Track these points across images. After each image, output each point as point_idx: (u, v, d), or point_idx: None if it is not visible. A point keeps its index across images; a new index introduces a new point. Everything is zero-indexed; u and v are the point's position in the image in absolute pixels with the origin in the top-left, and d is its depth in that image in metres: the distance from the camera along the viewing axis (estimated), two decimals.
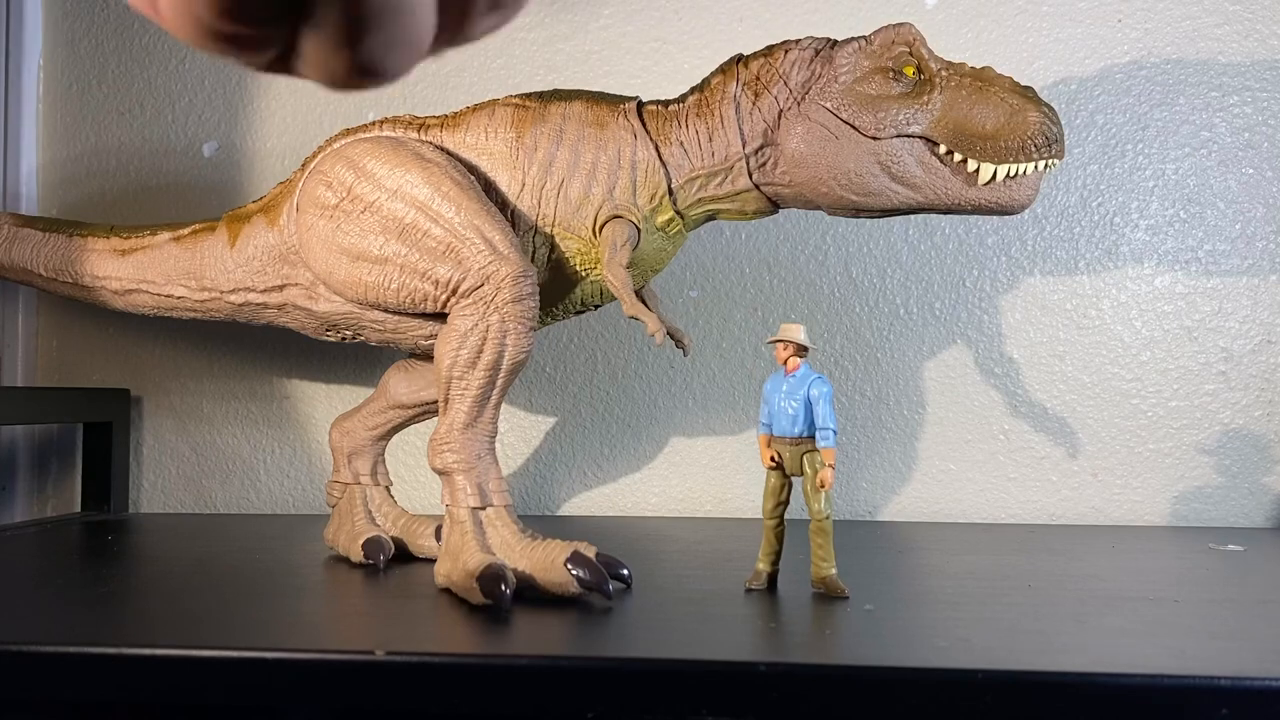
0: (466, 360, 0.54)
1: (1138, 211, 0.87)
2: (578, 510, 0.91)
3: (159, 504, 0.95)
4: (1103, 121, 0.87)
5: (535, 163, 0.60)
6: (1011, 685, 0.36)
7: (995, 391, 0.88)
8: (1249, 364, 0.86)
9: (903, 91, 0.56)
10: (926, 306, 0.88)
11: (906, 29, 0.56)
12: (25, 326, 0.97)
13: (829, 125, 0.55)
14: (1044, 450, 0.87)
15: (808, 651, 0.41)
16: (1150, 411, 0.87)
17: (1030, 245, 0.88)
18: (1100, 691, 0.36)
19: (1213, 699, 0.36)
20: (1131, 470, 0.87)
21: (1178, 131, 0.87)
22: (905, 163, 0.55)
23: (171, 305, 0.70)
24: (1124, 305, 0.87)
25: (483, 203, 0.57)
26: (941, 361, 0.88)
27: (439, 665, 0.39)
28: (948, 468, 0.88)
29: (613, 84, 0.91)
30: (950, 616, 0.47)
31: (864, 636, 0.43)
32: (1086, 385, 0.87)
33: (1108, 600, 0.51)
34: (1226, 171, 0.87)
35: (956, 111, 0.55)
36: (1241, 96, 0.87)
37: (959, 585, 0.56)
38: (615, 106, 0.60)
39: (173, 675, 0.39)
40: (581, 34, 0.92)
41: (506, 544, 0.53)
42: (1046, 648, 0.42)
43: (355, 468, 0.68)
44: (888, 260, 0.89)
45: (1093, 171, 0.87)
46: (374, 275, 0.58)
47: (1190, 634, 0.44)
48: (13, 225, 0.76)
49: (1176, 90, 0.87)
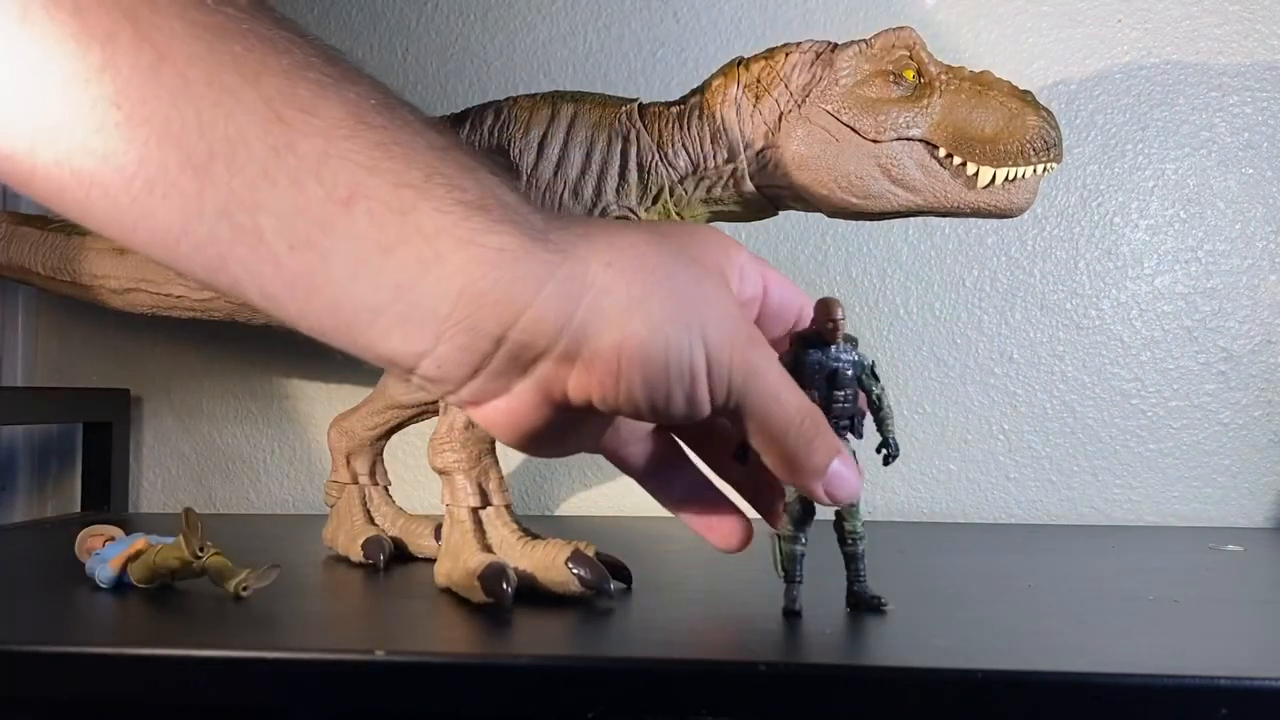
0: None
1: (1138, 211, 0.87)
2: (578, 510, 0.91)
3: (159, 504, 0.95)
4: (1103, 121, 0.87)
5: (543, 162, 0.60)
6: (1011, 685, 0.36)
7: (995, 391, 0.88)
8: (1249, 364, 0.86)
9: (903, 95, 0.56)
10: (926, 306, 0.88)
11: (907, 33, 0.56)
12: (25, 326, 0.97)
13: (829, 128, 0.56)
14: (1044, 450, 0.88)
15: (808, 651, 0.41)
16: (1150, 411, 0.87)
17: (1030, 245, 0.88)
18: (1100, 691, 0.36)
19: (1212, 699, 0.36)
20: (1131, 470, 0.87)
21: (1178, 131, 0.87)
22: (905, 166, 0.56)
23: (171, 304, 0.70)
24: (1124, 305, 0.87)
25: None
26: (941, 361, 0.88)
27: (439, 665, 0.39)
28: (948, 468, 0.88)
29: (612, 85, 0.91)
30: (950, 616, 0.47)
31: (864, 636, 0.43)
32: (1086, 385, 0.87)
33: (1108, 600, 0.51)
34: (1226, 171, 0.87)
35: (956, 115, 0.55)
36: (1241, 96, 0.87)
37: (959, 585, 0.56)
38: (616, 108, 0.60)
39: (173, 675, 0.39)
40: (581, 34, 0.92)
41: (506, 543, 0.53)
42: (1046, 648, 0.42)
43: (354, 467, 0.68)
44: (888, 260, 0.89)
45: (1093, 171, 0.87)
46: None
47: (1190, 634, 0.44)
48: (11, 224, 0.76)
49: (1176, 90, 0.87)
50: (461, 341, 0.33)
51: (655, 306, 0.34)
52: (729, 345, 0.36)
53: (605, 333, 0.34)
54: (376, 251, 0.32)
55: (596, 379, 0.34)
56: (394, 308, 0.32)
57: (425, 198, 0.32)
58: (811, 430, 0.38)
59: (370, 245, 0.32)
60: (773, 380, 0.37)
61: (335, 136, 0.32)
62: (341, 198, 0.31)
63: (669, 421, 0.36)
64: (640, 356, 0.34)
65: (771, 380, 0.37)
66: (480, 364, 0.34)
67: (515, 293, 0.33)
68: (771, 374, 0.37)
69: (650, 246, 0.36)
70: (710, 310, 0.36)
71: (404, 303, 0.32)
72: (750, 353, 0.36)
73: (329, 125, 0.32)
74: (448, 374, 0.34)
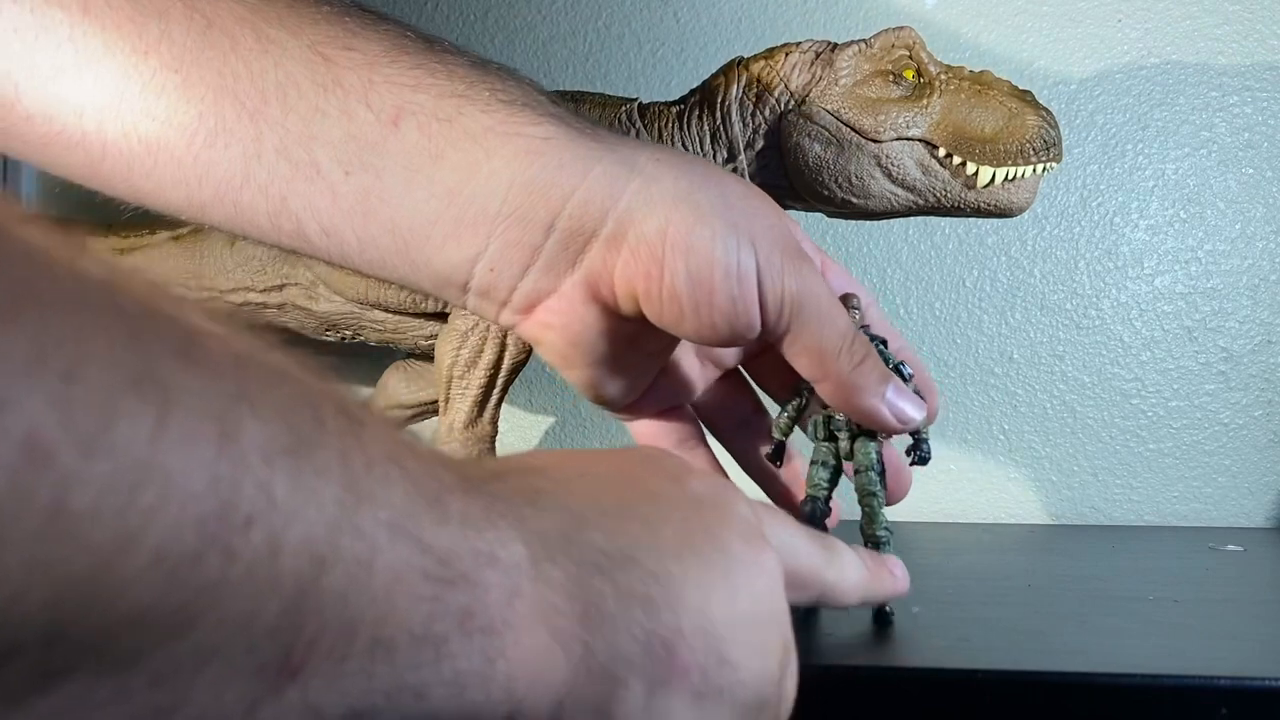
0: (467, 360, 0.54)
1: (1138, 211, 0.87)
2: None
3: None
4: (1103, 121, 0.87)
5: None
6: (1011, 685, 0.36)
7: (995, 391, 0.88)
8: (1249, 364, 0.86)
9: (903, 95, 0.56)
10: (926, 306, 0.88)
11: (907, 32, 0.56)
12: None
13: (830, 128, 0.56)
14: (1044, 450, 0.88)
15: (807, 652, 0.41)
16: (1150, 411, 0.87)
17: (1030, 245, 0.88)
18: (1100, 692, 0.36)
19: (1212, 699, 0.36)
20: (1131, 470, 0.87)
21: (1178, 131, 0.87)
22: (905, 165, 0.56)
23: None
24: (1124, 305, 0.87)
25: None
26: (941, 361, 0.88)
27: None
28: (948, 468, 0.88)
29: (612, 85, 0.91)
30: (950, 616, 0.47)
31: (864, 637, 0.43)
32: (1086, 385, 0.87)
33: (1108, 600, 0.51)
34: (1226, 171, 0.87)
35: (956, 115, 0.55)
36: (1241, 96, 0.87)
37: (959, 585, 0.56)
38: (616, 108, 0.60)
39: None
40: (581, 34, 0.92)
41: None
42: (1046, 648, 0.42)
43: None
44: (888, 260, 0.89)
45: (1093, 171, 0.87)
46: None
47: (1190, 634, 0.44)
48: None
49: (1176, 90, 0.87)
50: (513, 235, 0.34)
51: (703, 200, 0.34)
52: (781, 254, 0.35)
53: (651, 218, 0.34)
54: (427, 159, 0.33)
55: (642, 267, 0.34)
56: (448, 213, 0.33)
57: (470, 103, 0.33)
58: (863, 349, 0.37)
59: (421, 154, 0.33)
60: (825, 297, 0.36)
61: (378, 65, 0.33)
62: (390, 117, 0.33)
63: (717, 336, 0.35)
64: (685, 244, 0.33)
65: (825, 297, 0.36)
66: (531, 258, 0.34)
67: (562, 178, 0.33)
68: (823, 291, 0.36)
69: (700, 162, 0.36)
70: (759, 220, 0.35)
71: (457, 206, 0.33)
72: (803, 266, 0.36)
73: (371, 57, 0.33)
74: (500, 276, 0.34)
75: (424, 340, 0.63)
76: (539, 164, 0.33)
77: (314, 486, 0.17)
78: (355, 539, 0.18)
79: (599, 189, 0.33)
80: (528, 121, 0.33)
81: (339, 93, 0.33)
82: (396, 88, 0.33)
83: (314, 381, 0.20)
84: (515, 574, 0.22)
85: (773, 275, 0.34)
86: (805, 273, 0.35)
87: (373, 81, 0.33)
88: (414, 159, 0.33)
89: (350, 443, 0.19)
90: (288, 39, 0.33)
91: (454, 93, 0.33)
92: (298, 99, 0.33)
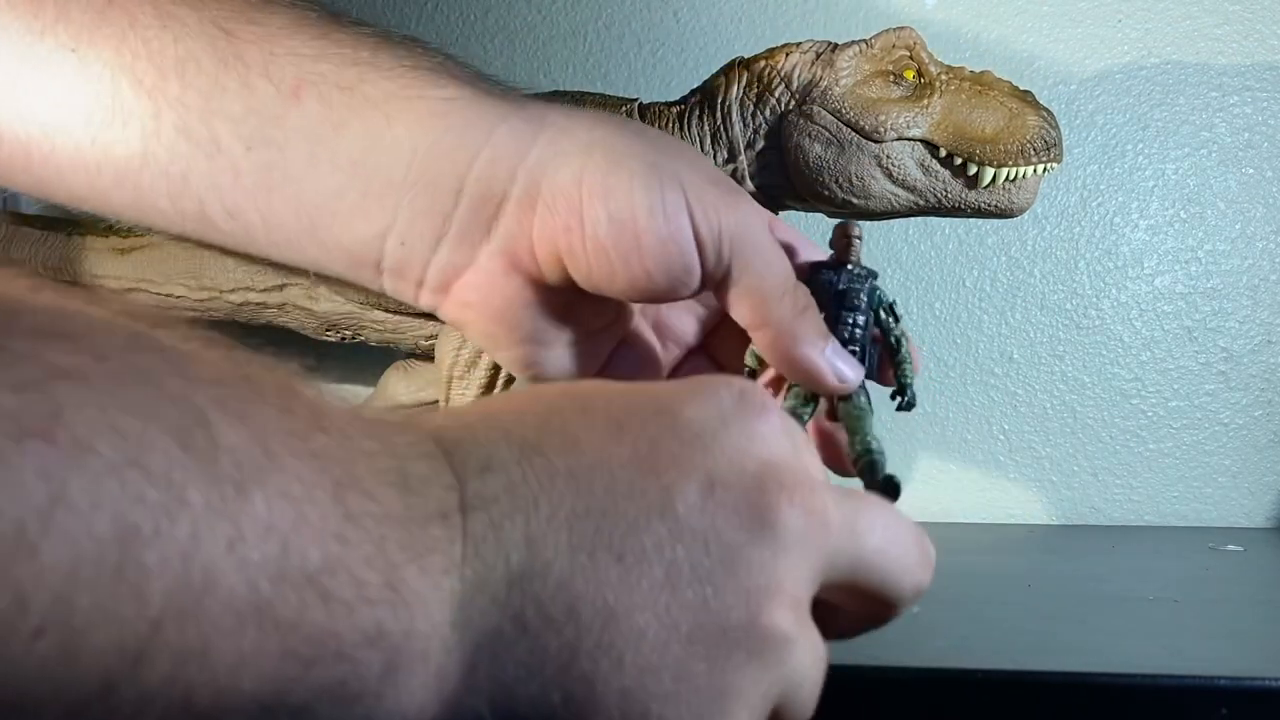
0: (467, 360, 0.54)
1: (1138, 211, 0.87)
2: None
3: None
4: (1103, 121, 0.87)
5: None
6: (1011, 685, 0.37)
7: (995, 391, 0.88)
8: (1249, 364, 0.86)
9: (903, 95, 0.56)
10: (926, 306, 0.88)
11: (907, 33, 0.56)
12: None
13: (830, 128, 0.56)
14: (1044, 450, 0.88)
15: None
16: (1150, 411, 0.87)
17: (1030, 245, 0.88)
18: (1100, 692, 0.36)
19: (1212, 699, 0.36)
20: (1131, 470, 0.87)
21: (1178, 131, 0.87)
22: (906, 166, 0.56)
23: (171, 305, 0.70)
24: (1124, 305, 0.87)
25: None
26: (941, 361, 0.88)
27: None
28: (948, 468, 0.88)
29: (612, 85, 0.91)
30: (950, 616, 0.47)
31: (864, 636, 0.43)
32: (1086, 385, 0.87)
33: (1108, 600, 0.51)
34: (1226, 171, 0.87)
35: (956, 115, 0.55)
36: (1241, 96, 0.87)
37: (959, 585, 0.56)
38: (616, 108, 0.60)
39: None
40: (581, 34, 0.92)
41: None
42: (1046, 648, 0.42)
43: None
44: (888, 260, 0.89)
45: (1093, 171, 0.87)
46: None
47: (1190, 634, 0.44)
48: (11, 224, 0.76)
49: (1176, 90, 0.87)
50: (421, 204, 0.32)
51: (619, 143, 0.32)
52: (714, 189, 0.32)
53: (564, 168, 0.31)
54: (329, 130, 0.32)
55: (560, 221, 0.31)
56: (353, 185, 0.32)
57: (373, 69, 0.32)
58: (805, 299, 0.34)
59: (323, 125, 0.32)
60: (765, 239, 0.33)
61: (280, 37, 0.32)
62: (291, 88, 0.32)
63: (654, 288, 0.32)
64: (602, 188, 0.31)
65: (765, 236, 0.33)
66: (443, 228, 0.32)
67: (468, 138, 0.32)
68: (762, 228, 0.33)
69: (619, 116, 0.34)
70: (683, 158, 0.33)
71: (361, 178, 0.32)
72: (739, 200, 0.33)
73: (273, 30, 0.32)
74: (411, 251, 0.32)
75: (424, 340, 0.63)
76: (442, 125, 0.31)
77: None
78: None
79: (505, 146, 0.31)
80: (431, 84, 0.32)
81: (239, 67, 0.32)
82: (298, 59, 0.32)
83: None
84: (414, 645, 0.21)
85: (705, 210, 0.32)
86: (743, 207, 0.33)
87: (274, 54, 0.32)
88: (316, 130, 0.31)
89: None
90: (188, 14, 0.32)
91: (356, 60, 0.32)
92: (197, 74, 0.31)
